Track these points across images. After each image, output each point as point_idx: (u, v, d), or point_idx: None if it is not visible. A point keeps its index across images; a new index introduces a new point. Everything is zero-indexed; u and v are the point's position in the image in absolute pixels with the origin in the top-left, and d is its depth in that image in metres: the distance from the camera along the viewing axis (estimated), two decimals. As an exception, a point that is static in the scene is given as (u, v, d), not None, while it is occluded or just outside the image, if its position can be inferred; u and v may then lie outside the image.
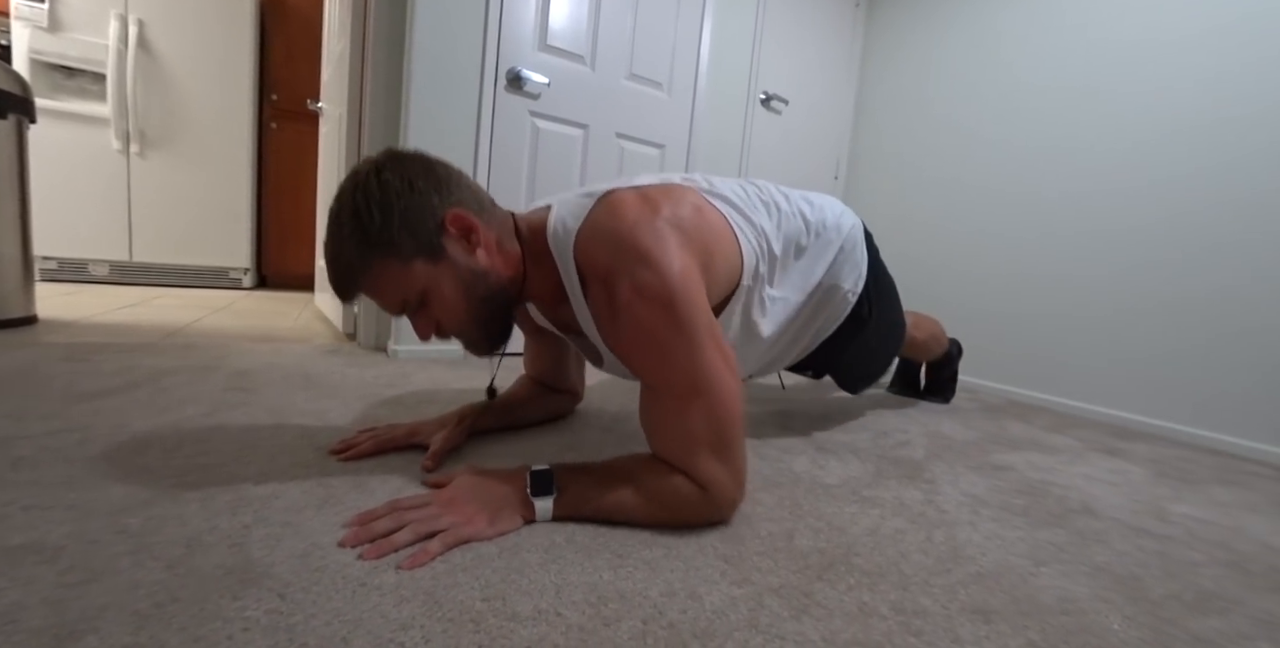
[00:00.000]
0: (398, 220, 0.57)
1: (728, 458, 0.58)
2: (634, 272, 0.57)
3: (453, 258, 0.60)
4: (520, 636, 0.41)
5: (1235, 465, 1.13)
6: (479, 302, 0.63)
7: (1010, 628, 0.48)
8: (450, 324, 0.64)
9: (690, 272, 0.60)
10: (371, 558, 0.48)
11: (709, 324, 0.59)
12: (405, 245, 0.58)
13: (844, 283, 0.88)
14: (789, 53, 1.98)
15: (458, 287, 0.61)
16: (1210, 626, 0.52)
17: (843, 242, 0.89)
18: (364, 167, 0.59)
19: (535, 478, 0.58)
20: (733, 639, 0.43)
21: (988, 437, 1.15)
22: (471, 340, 0.67)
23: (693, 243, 0.63)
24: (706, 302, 0.61)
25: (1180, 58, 1.36)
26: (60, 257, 2.34)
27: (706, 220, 0.69)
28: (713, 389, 0.57)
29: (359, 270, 0.59)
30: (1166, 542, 0.70)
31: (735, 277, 0.72)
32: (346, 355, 1.35)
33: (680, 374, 0.58)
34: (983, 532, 0.68)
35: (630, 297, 0.57)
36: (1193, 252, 1.32)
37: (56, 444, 0.67)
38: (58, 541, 0.47)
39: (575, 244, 0.62)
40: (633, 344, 0.60)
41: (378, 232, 0.57)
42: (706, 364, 0.58)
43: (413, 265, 0.59)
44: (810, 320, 0.90)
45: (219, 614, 0.40)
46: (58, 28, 2.22)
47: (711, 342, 0.59)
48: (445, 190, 0.60)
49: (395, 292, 0.60)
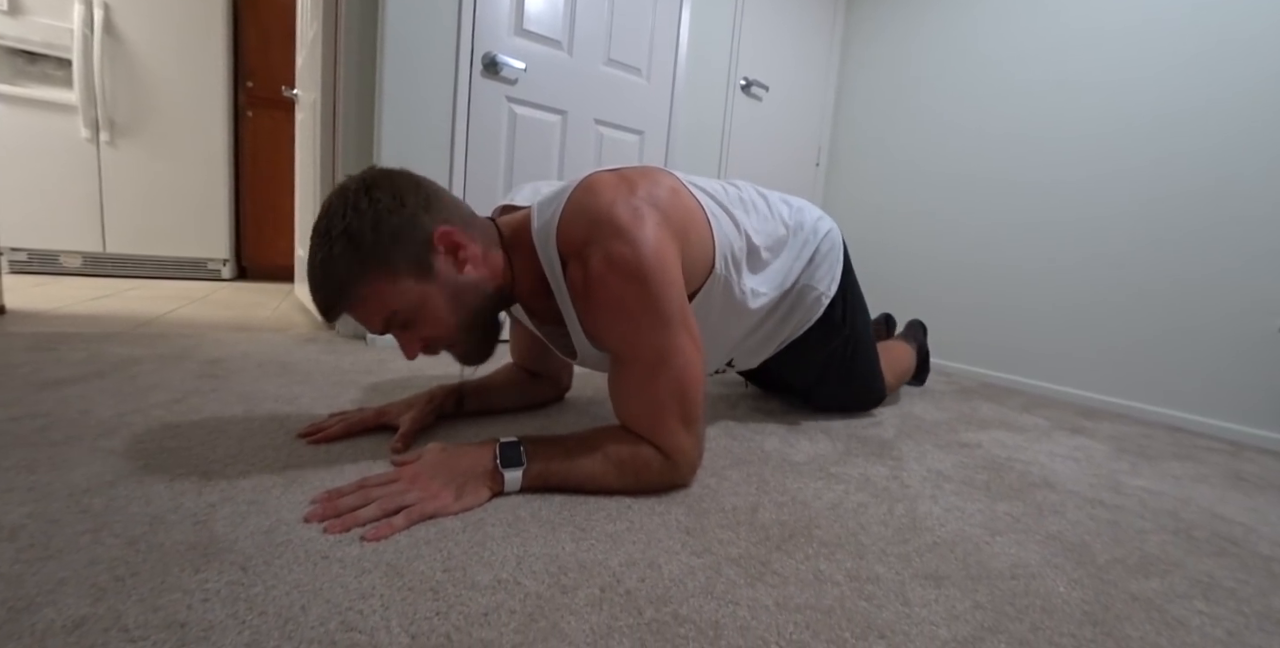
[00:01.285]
0: (389, 238, 0.57)
1: (690, 426, 0.62)
2: (608, 245, 0.58)
3: (441, 274, 0.60)
4: (478, 603, 0.42)
5: (1191, 441, 1.17)
6: (469, 314, 0.64)
7: (959, 592, 0.50)
8: (440, 339, 0.65)
9: (665, 248, 0.61)
10: (336, 532, 0.49)
11: (680, 301, 0.61)
12: (397, 263, 0.58)
13: (818, 285, 0.90)
14: (770, 39, 1.97)
15: (446, 302, 0.61)
16: (1150, 586, 0.55)
17: (819, 243, 0.91)
18: (353, 184, 0.59)
19: (504, 450, 0.59)
20: (687, 605, 0.44)
21: (958, 417, 1.18)
22: (463, 352, 0.68)
23: (669, 223, 0.64)
24: (680, 279, 0.63)
25: (1154, 44, 1.38)
26: (30, 248, 2.28)
27: (682, 203, 0.70)
28: (677, 361, 0.60)
29: (349, 288, 0.58)
30: (1119, 512, 0.73)
31: (708, 263, 0.73)
32: (324, 344, 1.34)
33: (648, 346, 0.60)
34: (943, 505, 0.70)
35: (603, 268, 0.58)
36: (1159, 240, 1.35)
37: (18, 430, 0.67)
38: (17, 521, 0.47)
39: (557, 229, 0.63)
40: (604, 316, 0.61)
41: (369, 249, 0.56)
42: (673, 338, 0.60)
43: (402, 282, 0.59)
44: (783, 321, 0.91)
45: (179, 586, 0.40)
46: (18, 11, 2.15)
47: (680, 317, 0.61)
48: (433, 208, 0.60)
49: (382, 309, 0.60)
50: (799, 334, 0.94)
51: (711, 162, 1.91)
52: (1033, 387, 1.56)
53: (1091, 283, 1.46)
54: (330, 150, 1.50)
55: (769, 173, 2.03)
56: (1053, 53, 1.56)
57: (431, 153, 1.37)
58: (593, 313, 0.63)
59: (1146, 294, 1.37)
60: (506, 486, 0.58)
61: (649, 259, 0.58)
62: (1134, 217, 1.39)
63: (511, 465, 0.58)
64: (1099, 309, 1.45)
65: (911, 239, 1.90)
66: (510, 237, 0.68)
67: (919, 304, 1.83)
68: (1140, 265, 1.38)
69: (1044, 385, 1.54)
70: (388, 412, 0.75)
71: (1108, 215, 1.44)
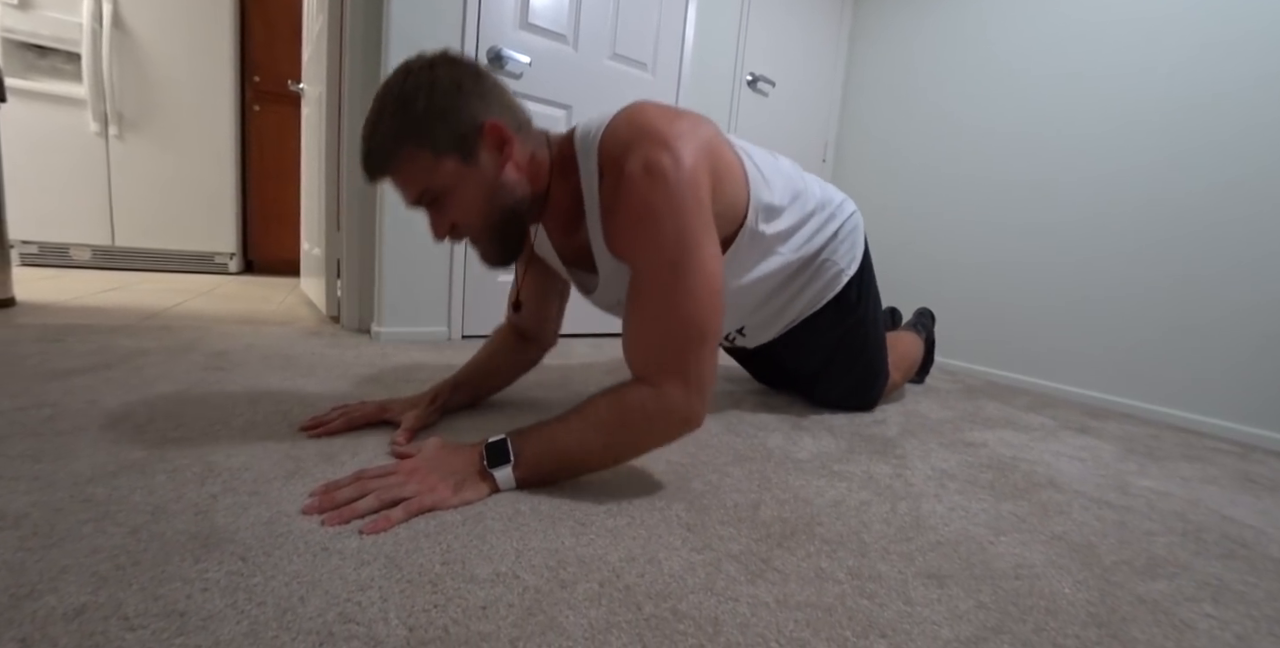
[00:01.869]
0: (439, 113, 0.58)
1: (695, 358, 0.58)
2: (647, 150, 0.60)
3: (482, 164, 0.61)
4: (476, 596, 0.42)
5: (1200, 442, 1.15)
6: (498, 211, 0.64)
7: (963, 591, 0.50)
8: (465, 228, 0.65)
9: (701, 168, 0.62)
10: (333, 525, 0.49)
11: (706, 218, 0.61)
12: (441, 139, 0.59)
13: (839, 260, 0.93)
14: (776, 34, 1.95)
15: (481, 193, 0.62)
16: (1156, 589, 0.54)
17: (843, 221, 0.94)
18: (418, 60, 0.61)
19: (490, 450, 0.58)
20: (687, 601, 0.44)
21: (963, 416, 1.17)
22: (484, 251, 0.69)
23: (707, 156, 0.65)
24: (708, 200, 0.63)
25: (1162, 37, 1.35)
26: (41, 241, 2.31)
27: (722, 151, 0.71)
28: (700, 279, 0.58)
29: (391, 152, 0.59)
30: (1126, 513, 0.72)
31: (740, 213, 0.75)
32: (329, 337, 1.35)
33: (666, 256, 0.58)
34: (947, 504, 0.69)
35: (637, 170, 0.59)
36: (1167, 237, 1.33)
37: (25, 419, 0.67)
38: (21, 509, 0.47)
39: (600, 139, 0.64)
40: (629, 220, 0.60)
41: (419, 118, 0.58)
42: (699, 251, 0.59)
43: (443, 161, 0.60)
44: (801, 291, 0.93)
45: (179, 576, 0.40)
46: (29, 5, 2.16)
47: (707, 235, 0.60)
48: (489, 100, 0.61)
49: (419, 182, 0.61)
50: (815, 309, 0.95)
51: (717, 157, 1.90)
52: (1039, 386, 1.54)
53: (1098, 280, 1.45)
54: (335, 144, 1.50)
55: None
56: (1060, 47, 1.53)
57: (436, 147, 1.37)
58: (619, 219, 0.62)
59: (1154, 292, 1.35)
60: (500, 484, 0.58)
61: (685, 170, 0.59)
62: (1142, 213, 1.37)
63: (499, 464, 0.57)
64: (1106, 307, 1.43)
65: (917, 235, 1.88)
66: (556, 151, 0.69)
67: (923, 301, 1.81)
68: (1147, 263, 1.36)
69: (1050, 385, 1.52)
70: (390, 408, 0.75)
71: (1115, 212, 1.42)
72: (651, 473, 0.69)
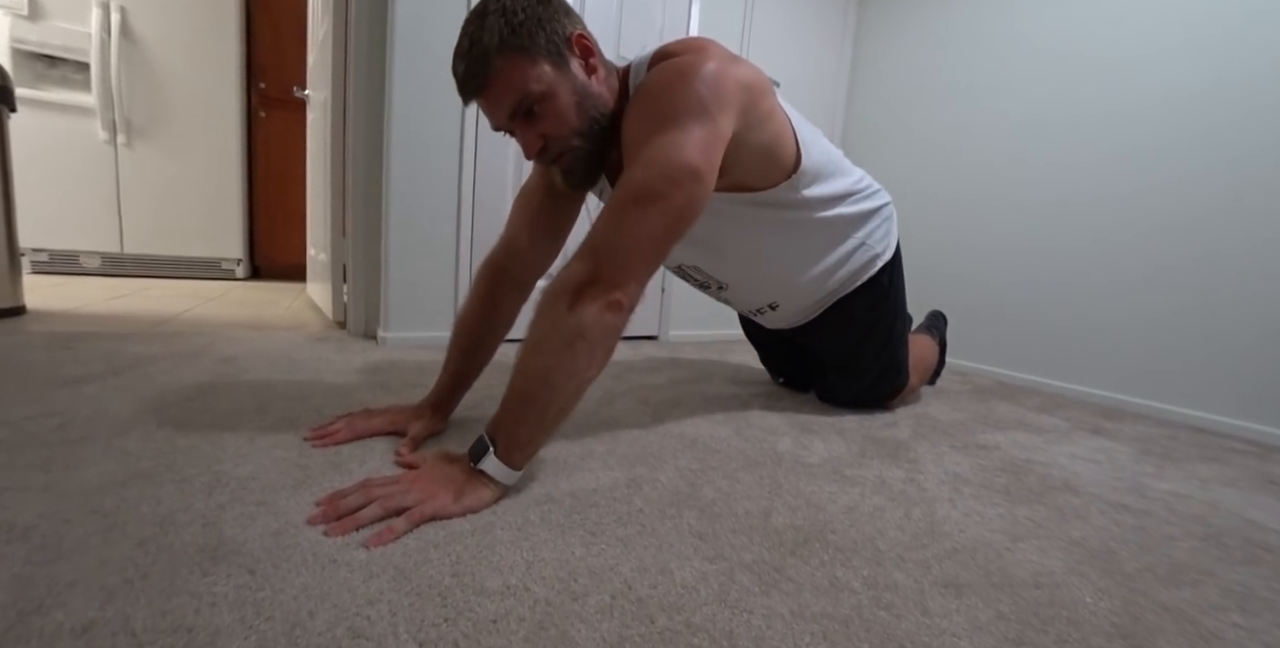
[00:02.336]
0: (536, 22, 0.61)
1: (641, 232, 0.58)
2: (687, 57, 0.64)
3: (573, 72, 0.64)
4: (487, 609, 0.41)
5: (1217, 442, 1.13)
6: (588, 121, 0.66)
7: (981, 601, 0.49)
8: (559, 139, 0.65)
9: (732, 85, 0.64)
10: (337, 534, 0.48)
11: (717, 119, 0.62)
12: (540, 46, 0.61)
13: (875, 244, 0.95)
14: (780, 35, 1.94)
15: (573, 99, 0.64)
16: (1181, 597, 0.52)
17: (880, 206, 0.96)
18: None
19: (472, 451, 0.58)
20: (700, 613, 0.43)
21: (975, 418, 1.15)
22: (572, 161, 0.68)
23: (747, 87, 0.66)
24: (731, 112, 0.64)
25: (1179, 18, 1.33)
26: (51, 248, 2.33)
27: (770, 96, 0.73)
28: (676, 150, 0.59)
29: (492, 58, 0.60)
30: (1144, 517, 0.71)
31: (786, 166, 0.78)
32: (335, 342, 1.35)
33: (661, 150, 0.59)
34: (961, 509, 0.68)
35: (669, 67, 0.63)
36: (1180, 235, 1.31)
37: (34, 428, 0.67)
38: (29, 520, 0.47)
39: (651, 57, 0.69)
40: (639, 113, 0.63)
41: (517, 27, 0.60)
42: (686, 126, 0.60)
43: (541, 66, 0.61)
44: (834, 269, 0.94)
45: (187, 589, 0.40)
46: (39, 16, 2.19)
47: (708, 136, 0.61)
48: (572, 16, 0.65)
49: (517, 90, 0.61)
50: (848, 291, 0.97)
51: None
52: (1050, 386, 1.52)
53: (1109, 278, 1.43)
54: (341, 149, 1.50)
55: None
56: (1072, 37, 1.51)
57: (441, 151, 1.37)
58: (635, 109, 0.64)
59: (1168, 289, 1.33)
60: (495, 475, 0.56)
61: (715, 77, 0.62)
62: (1151, 210, 1.35)
63: (480, 457, 0.57)
64: (1117, 304, 1.41)
65: (924, 236, 1.86)
66: (622, 77, 0.72)
67: (934, 301, 1.79)
68: (1160, 258, 1.34)
69: (1062, 385, 1.50)
70: (395, 418, 0.74)
71: (1125, 210, 1.40)
72: (660, 479, 0.68)
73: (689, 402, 1.07)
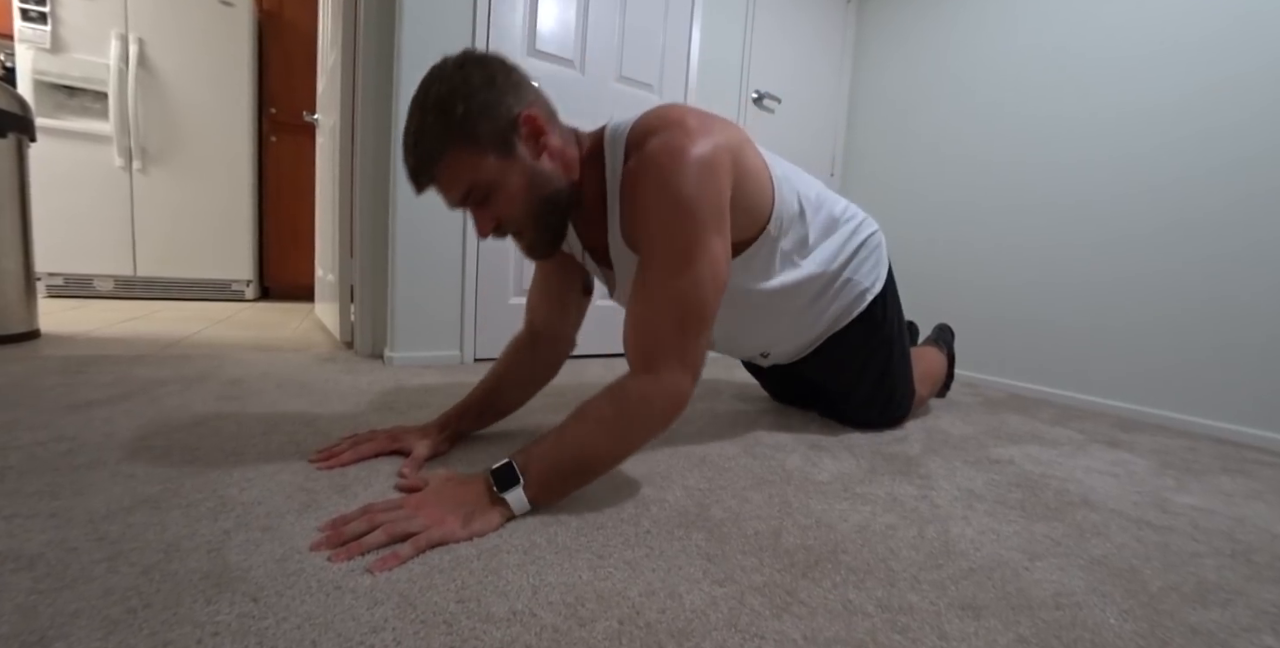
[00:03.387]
0: (477, 111, 0.60)
1: (693, 341, 0.61)
2: (670, 137, 0.62)
3: (521, 156, 0.63)
4: (493, 637, 0.40)
5: (1240, 454, 1.10)
6: (541, 201, 0.66)
7: (1001, 624, 0.47)
8: (511, 220, 0.66)
9: (722, 161, 0.64)
10: (341, 561, 0.48)
11: (720, 208, 0.63)
12: (482, 137, 0.60)
13: (863, 279, 0.93)
14: (780, 51, 1.98)
15: (523, 183, 0.64)
16: (1210, 618, 0.51)
17: (865, 238, 0.94)
18: (446, 62, 0.62)
19: (497, 476, 0.57)
20: (710, 639, 0.42)
21: (987, 431, 1.13)
22: (530, 240, 0.70)
23: (730, 152, 0.66)
24: (726, 192, 0.65)
25: (1180, 26, 1.34)
26: (66, 273, 2.37)
27: (750, 154, 0.73)
28: (704, 264, 0.61)
29: (437, 155, 0.61)
30: (1167, 533, 0.69)
31: (762, 219, 0.76)
32: (342, 363, 1.36)
33: (675, 239, 0.61)
34: (976, 526, 0.66)
35: (657, 152, 0.61)
36: (1193, 244, 1.30)
37: (44, 454, 0.68)
38: (36, 549, 0.47)
39: (629, 130, 0.67)
40: (641, 202, 0.63)
41: (459, 119, 0.59)
42: (706, 237, 0.61)
43: (485, 157, 0.61)
44: (824, 311, 0.92)
45: (190, 619, 0.40)
46: (60, 49, 2.27)
47: (716, 223, 0.62)
48: (520, 92, 0.63)
49: (464, 181, 0.62)
50: (840, 328, 0.95)
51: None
52: (1063, 398, 1.50)
53: (1121, 285, 1.41)
54: (349, 173, 1.53)
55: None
56: (1069, 47, 1.53)
57: (446, 173, 1.39)
58: (633, 202, 0.64)
59: (1183, 295, 1.31)
60: (514, 508, 0.57)
61: (705, 157, 0.61)
62: (1164, 215, 1.34)
63: (508, 487, 0.56)
64: (1130, 314, 1.39)
65: (931, 245, 1.86)
66: (588, 145, 0.71)
67: (940, 314, 1.78)
68: (1174, 265, 1.32)
69: (1075, 396, 1.48)
70: (401, 438, 0.74)
71: (1136, 213, 1.39)
72: (668, 499, 0.67)
73: (697, 419, 1.06)
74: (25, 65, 2.22)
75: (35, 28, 2.21)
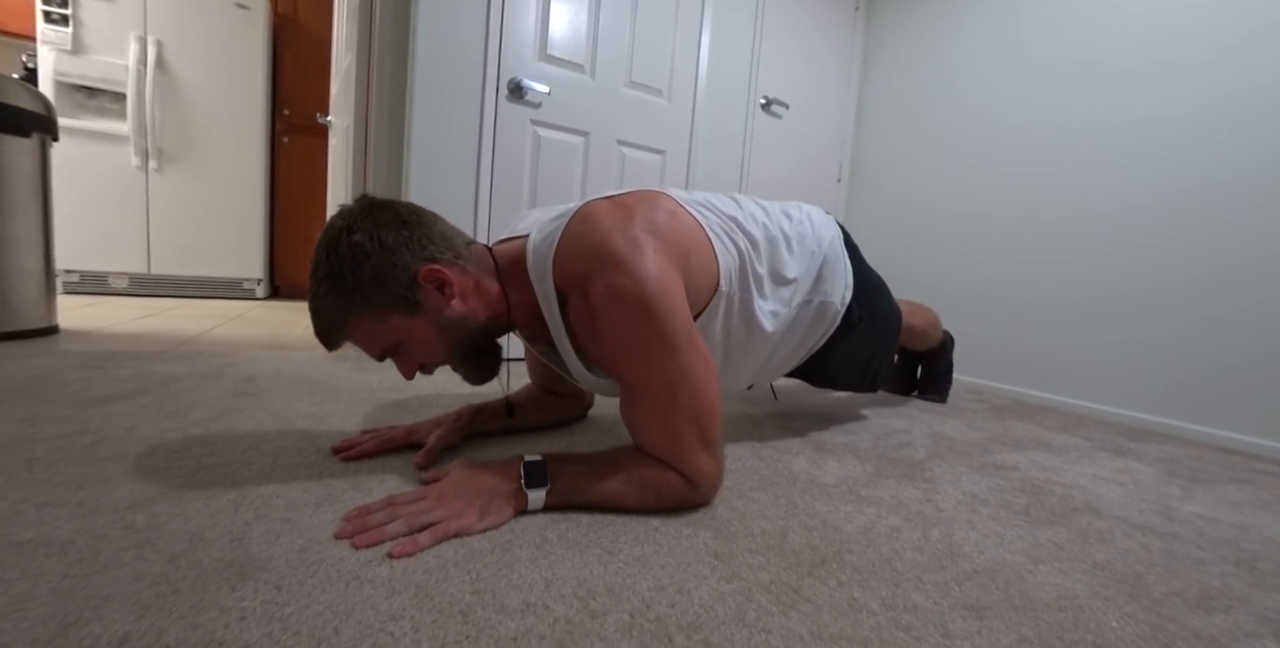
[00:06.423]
0: (369, 279, 0.59)
1: (710, 448, 0.62)
2: (609, 277, 0.58)
3: (428, 309, 0.62)
4: (507, 627, 0.41)
5: (1247, 464, 1.10)
6: (460, 342, 0.65)
7: (1003, 624, 0.48)
8: (435, 364, 0.67)
9: (667, 275, 0.60)
10: (363, 546, 0.50)
11: (686, 326, 0.61)
12: (379, 301, 0.60)
13: (833, 298, 0.88)
14: (789, 57, 1.99)
15: (434, 334, 0.63)
16: (1213, 623, 0.51)
17: (825, 253, 0.88)
18: (337, 223, 0.61)
19: (529, 469, 0.59)
20: (718, 633, 0.43)
21: (992, 437, 1.14)
22: (465, 374, 0.70)
23: (669, 247, 0.63)
24: (685, 305, 0.62)
25: (1193, 37, 1.35)
26: (82, 270, 2.41)
27: (681, 224, 0.69)
28: (690, 387, 0.60)
29: (337, 326, 0.62)
30: (1172, 540, 0.69)
31: (713, 282, 0.72)
32: (353, 362, 1.37)
33: (659, 376, 0.60)
34: (981, 530, 0.67)
35: (605, 301, 0.58)
36: (1202, 251, 1.30)
37: (69, 446, 0.69)
38: (66, 536, 0.49)
39: (553, 262, 0.63)
40: (611, 348, 0.61)
41: (350, 290, 0.59)
42: (684, 364, 0.60)
43: (389, 319, 0.61)
44: (805, 338, 0.89)
45: (217, 604, 0.41)
46: (81, 50, 2.31)
47: (688, 343, 0.60)
48: (417, 245, 0.62)
49: (374, 343, 0.63)
50: (820, 347, 0.92)
51: (732, 180, 1.93)
52: (1069, 405, 1.50)
53: (1129, 293, 1.41)
54: (361, 174, 1.56)
55: (790, 191, 2.03)
56: (1080, 53, 1.53)
57: (458, 176, 1.42)
58: (599, 345, 0.62)
59: (1191, 304, 1.31)
60: (530, 505, 0.59)
61: (651, 289, 0.58)
62: (1172, 224, 1.35)
63: (536, 485, 0.58)
64: (1138, 321, 1.39)
65: (938, 253, 1.87)
66: (506, 267, 0.68)
67: (947, 319, 1.78)
68: (1182, 274, 1.33)
69: (1082, 404, 1.48)
70: (417, 430, 0.76)
71: (1144, 222, 1.40)
72: (676, 498, 0.68)
73: (702, 420, 1.07)
74: (47, 66, 2.27)
75: (57, 30, 2.25)
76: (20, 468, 0.62)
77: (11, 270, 1.37)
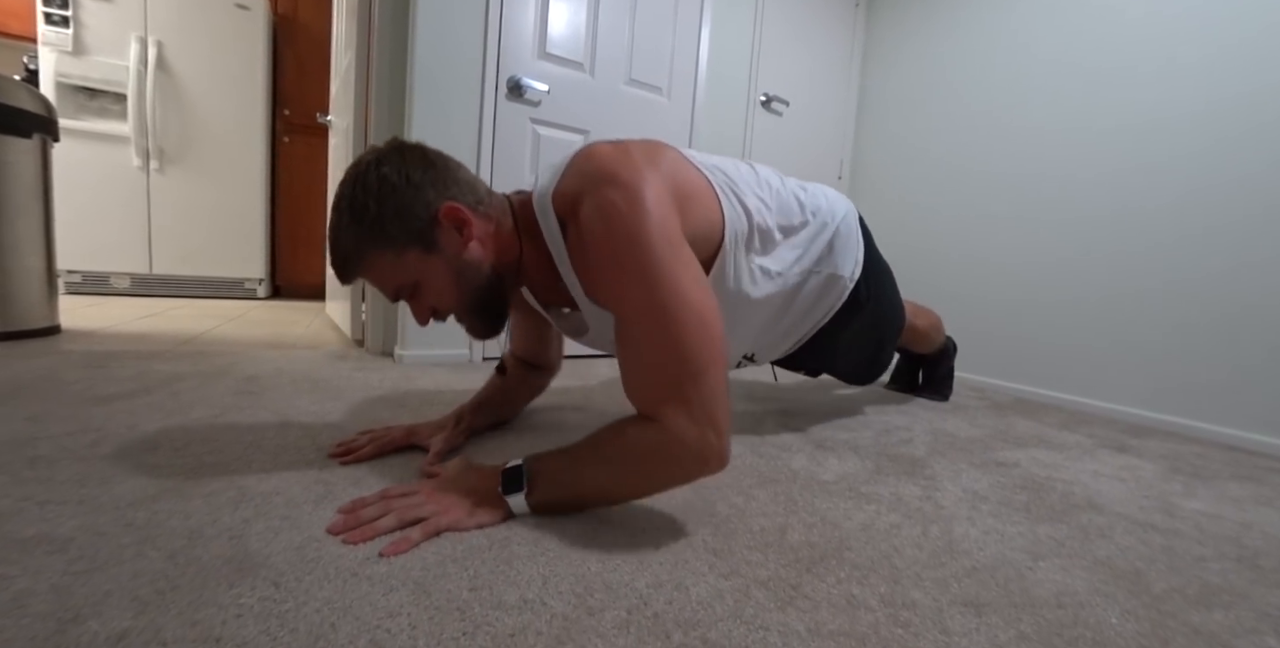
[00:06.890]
0: (392, 213, 0.59)
1: (696, 390, 0.52)
2: (598, 192, 0.57)
3: (445, 249, 0.62)
4: (505, 624, 0.41)
5: (1250, 461, 1.10)
6: (471, 291, 0.65)
7: (1002, 620, 0.48)
8: (446, 309, 0.66)
9: (660, 196, 0.58)
10: (355, 542, 0.50)
11: (678, 247, 0.57)
12: (399, 237, 0.60)
13: (842, 271, 0.87)
14: (789, 54, 1.99)
15: (450, 277, 0.63)
16: (1213, 619, 0.51)
17: (837, 226, 0.87)
18: (366, 157, 0.61)
19: (506, 477, 0.58)
20: (716, 629, 0.43)
21: (993, 434, 1.13)
22: (470, 325, 0.69)
23: (668, 182, 0.61)
24: (679, 229, 0.59)
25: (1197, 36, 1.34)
26: (84, 270, 2.42)
27: (686, 174, 0.68)
28: (684, 311, 0.53)
29: (354, 258, 0.61)
30: (1173, 537, 0.69)
31: (716, 237, 0.70)
32: (354, 360, 1.38)
33: (645, 297, 0.54)
34: (980, 527, 0.67)
35: (593, 216, 0.56)
36: (1205, 248, 1.29)
37: (71, 444, 0.70)
38: (67, 533, 0.49)
39: (553, 194, 0.62)
40: (599, 268, 0.58)
41: (372, 223, 0.59)
42: (675, 284, 0.54)
43: (406, 256, 0.61)
44: (810, 310, 0.89)
45: (215, 601, 0.41)
46: (82, 51, 2.32)
47: (680, 264, 0.56)
48: (441, 184, 0.62)
49: (390, 279, 0.63)
50: (825, 322, 0.91)
51: (732, 177, 1.92)
52: (1071, 402, 1.49)
53: (1131, 290, 1.41)
54: (362, 173, 1.55)
55: (790, 187, 2.03)
56: (1082, 47, 1.52)
57: (458, 174, 1.41)
58: (590, 269, 0.60)
59: (1193, 301, 1.30)
60: (514, 510, 0.57)
61: (642, 202, 0.55)
62: (1174, 223, 1.34)
63: (512, 491, 0.57)
64: (1140, 319, 1.39)
65: (939, 250, 1.86)
66: (520, 211, 0.68)
67: (948, 317, 1.78)
68: (1185, 270, 1.32)
69: (1084, 401, 1.47)
70: (418, 432, 0.76)
71: (1146, 221, 1.39)
72: (674, 496, 0.68)
73: (702, 418, 1.07)
74: (48, 67, 2.28)
75: (58, 31, 2.26)
76: (23, 466, 0.63)
77: (14, 271, 1.37)
